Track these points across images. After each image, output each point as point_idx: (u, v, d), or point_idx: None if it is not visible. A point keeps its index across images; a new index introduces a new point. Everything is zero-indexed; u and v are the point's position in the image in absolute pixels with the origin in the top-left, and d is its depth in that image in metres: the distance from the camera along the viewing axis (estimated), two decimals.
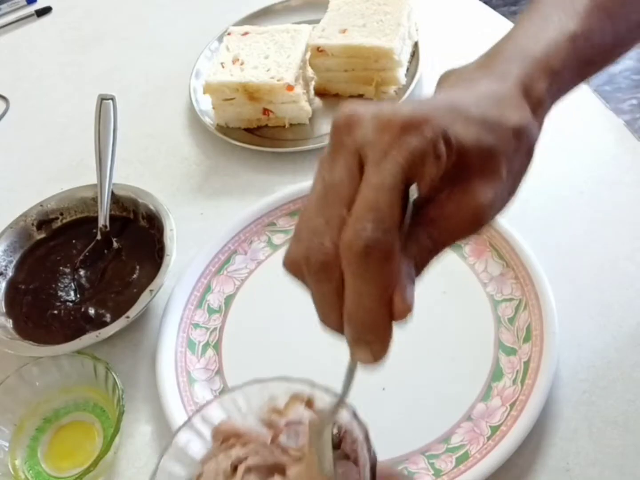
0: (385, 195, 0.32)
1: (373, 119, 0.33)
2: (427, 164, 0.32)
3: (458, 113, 0.34)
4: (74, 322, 0.66)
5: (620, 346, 0.58)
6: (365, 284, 0.32)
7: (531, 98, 0.38)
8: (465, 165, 0.34)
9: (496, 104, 0.36)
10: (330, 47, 0.81)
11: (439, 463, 0.53)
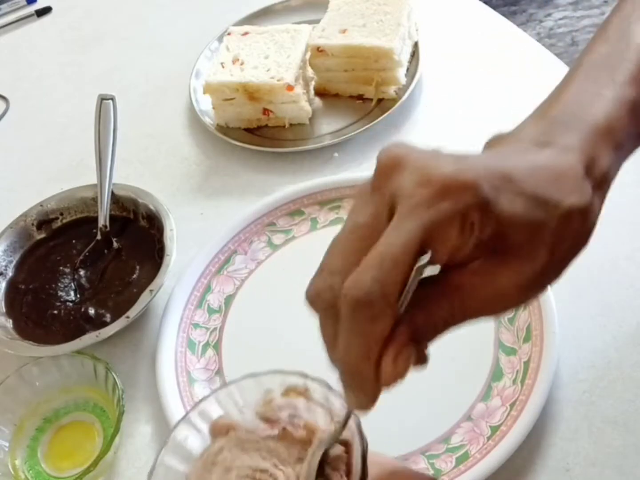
0: (396, 253, 0.30)
1: (417, 169, 0.31)
2: (452, 232, 0.30)
3: (509, 182, 0.32)
4: (74, 322, 0.66)
5: (620, 346, 0.58)
6: (352, 336, 0.32)
7: (595, 175, 0.34)
8: (506, 239, 0.32)
9: (554, 179, 0.33)
10: (330, 47, 0.81)
11: (439, 463, 0.53)
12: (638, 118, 0.37)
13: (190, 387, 0.60)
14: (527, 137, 0.35)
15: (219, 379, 0.61)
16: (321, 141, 0.79)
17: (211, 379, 0.61)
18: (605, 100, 0.36)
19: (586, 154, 0.34)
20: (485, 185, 0.31)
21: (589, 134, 0.35)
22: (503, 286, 0.32)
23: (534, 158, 0.34)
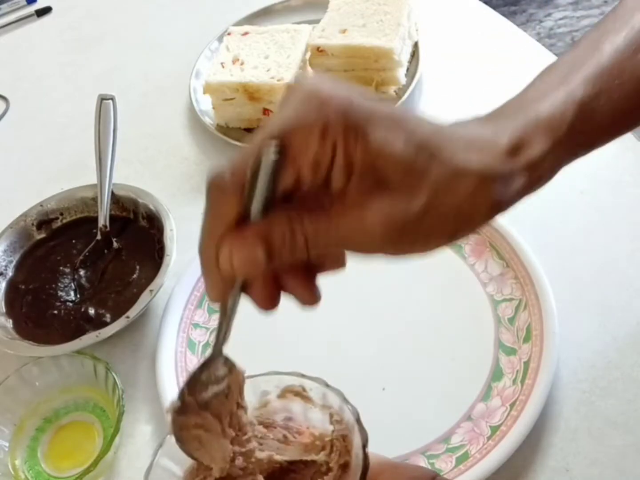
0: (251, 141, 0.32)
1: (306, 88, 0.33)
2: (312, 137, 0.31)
3: (403, 127, 0.32)
4: (74, 322, 0.66)
5: (620, 346, 0.58)
6: (203, 218, 0.35)
7: (522, 156, 0.34)
8: (382, 175, 0.32)
9: (464, 142, 0.33)
10: (330, 47, 0.81)
11: (439, 463, 0.53)
12: (585, 117, 0.37)
13: None
14: (470, 121, 0.36)
15: None
16: None
17: None
18: (553, 98, 0.37)
19: (516, 135, 0.34)
20: (368, 114, 0.31)
21: (525, 121, 0.35)
22: (368, 220, 0.32)
23: (458, 128, 0.34)
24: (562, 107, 0.36)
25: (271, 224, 0.33)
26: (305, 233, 0.33)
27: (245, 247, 0.33)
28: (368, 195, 0.32)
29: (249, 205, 0.33)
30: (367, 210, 0.32)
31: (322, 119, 0.31)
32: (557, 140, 0.36)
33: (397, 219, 0.32)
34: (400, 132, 0.32)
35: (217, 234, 0.34)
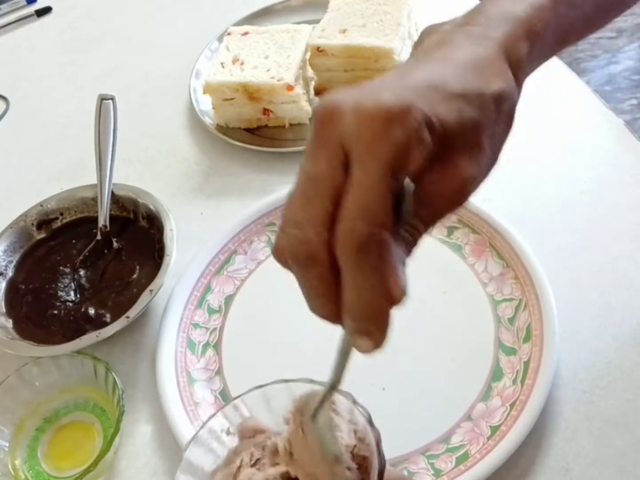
0: (374, 193, 0.32)
1: (355, 112, 0.33)
2: (412, 154, 0.32)
3: (438, 91, 0.34)
4: (74, 322, 0.66)
5: (620, 346, 0.58)
6: (364, 278, 0.33)
7: (512, 61, 0.37)
8: (449, 142, 0.34)
9: (477, 72, 0.35)
10: (330, 47, 0.81)
11: (439, 463, 0.53)
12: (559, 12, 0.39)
13: (190, 387, 0.60)
14: (453, 29, 0.39)
15: (219, 379, 0.61)
16: None
17: (211, 379, 0.61)
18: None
19: (504, 42, 0.37)
20: (421, 103, 0.33)
21: (508, 24, 0.38)
22: (459, 183, 0.35)
23: (456, 55, 0.36)
24: (537, 4, 0.39)
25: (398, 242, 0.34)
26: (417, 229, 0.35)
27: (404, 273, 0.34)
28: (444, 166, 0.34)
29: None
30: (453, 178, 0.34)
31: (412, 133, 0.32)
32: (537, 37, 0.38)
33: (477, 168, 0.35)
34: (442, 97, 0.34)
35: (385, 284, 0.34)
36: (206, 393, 0.60)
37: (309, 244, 0.33)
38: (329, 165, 0.33)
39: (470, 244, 0.66)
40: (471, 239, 0.66)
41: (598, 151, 0.74)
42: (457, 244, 0.66)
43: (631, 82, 2.13)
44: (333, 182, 0.33)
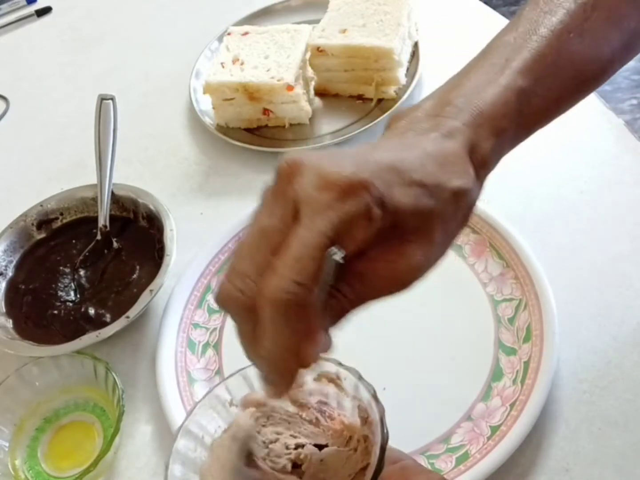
0: (310, 252, 0.33)
1: (316, 174, 0.34)
2: (358, 227, 0.33)
3: (400, 175, 0.35)
4: (74, 322, 0.66)
5: (620, 346, 0.58)
6: (277, 333, 0.34)
7: (476, 158, 0.38)
8: (401, 226, 0.35)
9: (440, 165, 0.36)
10: (330, 47, 0.81)
11: (439, 463, 0.53)
12: (524, 106, 0.40)
13: (190, 387, 0.60)
14: (420, 118, 0.39)
15: (219, 379, 0.61)
16: (321, 141, 0.79)
17: (211, 379, 0.61)
18: (496, 87, 0.39)
19: (469, 138, 0.38)
20: (379, 182, 0.34)
21: (474, 120, 0.38)
22: (402, 269, 0.36)
23: (422, 145, 0.37)
24: (503, 99, 0.39)
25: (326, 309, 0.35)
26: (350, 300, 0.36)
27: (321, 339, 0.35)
28: (392, 248, 0.36)
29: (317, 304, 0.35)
30: (397, 262, 0.36)
31: (363, 207, 0.33)
32: (501, 133, 0.39)
33: (424, 258, 0.36)
34: (402, 182, 0.35)
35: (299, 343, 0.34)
36: None
37: (247, 295, 0.34)
38: (280, 220, 0.34)
39: (470, 244, 0.66)
40: (471, 239, 0.66)
41: (598, 151, 0.74)
42: (457, 244, 0.66)
43: (631, 82, 2.13)
44: (279, 237, 0.34)
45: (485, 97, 0.39)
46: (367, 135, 0.79)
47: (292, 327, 0.33)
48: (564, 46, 0.41)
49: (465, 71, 0.42)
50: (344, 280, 0.36)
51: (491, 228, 0.65)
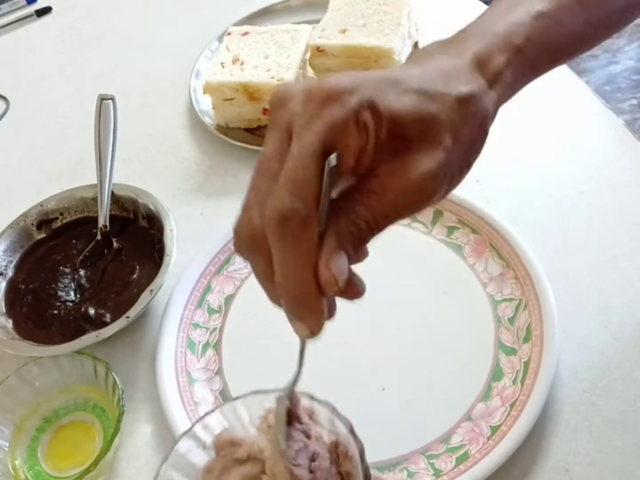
0: (302, 165, 0.32)
1: (302, 92, 0.34)
2: (350, 134, 0.32)
3: (393, 84, 0.34)
4: (74, 322, 0.66)
5: (620, 346, 0.58)
6: (285, 254, 0.33)
7: (487, 72, 0.37)
8: (404, 136, 0.34)
9: (442, 76, 0.35)
10: (330, 47, 0.81)
11: (439, 463, 0.53)
12: (543, 27, 0.39)
13: (190, 387, 0.60)
14: (432, 47, 0.39)
15: (219, 379, 0.61)
16: None
17: (211, 379, 0.61)
18: (513, 13, 0.39)
19: (478, 54, 0.37)
20: (367, 87, 0.33)
21: (485, 38, 0.38)
22: (414, 179, 0.34)
23: (427, 63, 0.36)
24: (520, 19, 0.38)
25: (339, 229, 0.34)
26: (365, 219, 0.34)
27: (335, 257, 0.33)
28: (399, 159, 0.34)
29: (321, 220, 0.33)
30: (407, 172, 0.34)
31: (348, 111, 0.32)
32: (519, 50, 0.38)
33: (436, 166, 0.34)
34: (397, 90, 0.34)
35: (310, 261, 0.33)
36: (206, 393, 0.60)
37: (253, 225, 0.34)
38: (276, 146, 0.34)
39: (470, 244, 0.66)
40: (471, 239, 0.66)
41: (598, 151, 0.74)
42: (457, 244, 0.66)
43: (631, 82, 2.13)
44: (278, 162, 0.33)
45: (501, 21, 0.38)
46: None
47: (298, 245, 0.32)
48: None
49: (485, 10, 0.41)
50: (359, 201, 0.34)
51: (491, 228, 0.65)
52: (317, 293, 0.33)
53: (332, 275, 0.33)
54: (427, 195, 0.35)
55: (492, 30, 0.38)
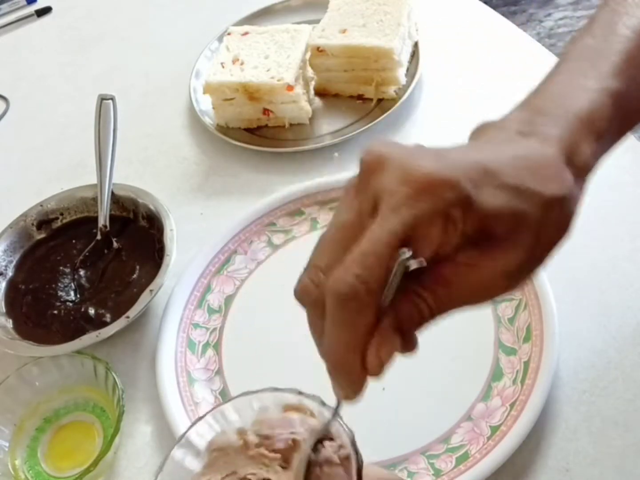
0: (377, 248, 0.31)
1: (398, 167, 0.32)
2: (435, 228, 0.32)
3: (489, 176, 0.33)
4: (74, 322, 0.66)
5: (620, 346, 0.58)
6: (337, 330, 0.33)
7: (575, 164, 0.35)
8: (490, 231, 0.33)
9: (534, 170, 0.34)
10: (330, 47, 0.81)
11: (439, 463, 0.53)
12: (620, 108, 0.38)
13: (190, 387, 0.60)
14: (511, 126, 0.36)
15: (219, 379, 0.61)
16: (321, 141, 0.79)
17: (211, 379, 0.61)
18: (588, 91, 0.37)
19: (567, 143, 0.35)
20: (465, 181, 0.32)
21: (570, 124, 0.36)
22: (488, 276, 0.33)
23: (514, 149, 0.35)
24: (598, 101, 0.37)
25: (400, 311, 0.33)
26: (429, 305, 0.34)
27: (387, 342, 0.33)
28: (479, 252, 0.33)
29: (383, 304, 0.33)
30: (484, 268, 0.33)
31: (441, 207, 0.31)
32: (600, 136, 0.37)
33: (514, 266, 0.34)
34: (493, 184, 0.33)
35: (361, 342, 0.33)
36: (206, 393, 0.60)
37: (315, 285, 0.33)
38: (357, 215, 0.33)
39: None
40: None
41: None
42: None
43: None
44: (356, 232, 0.33)
45: (579, 103, 0.37)
46: (367, 135, 0.79)
47: (351, 326, 0.32)
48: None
49: (548, 79, 0.40)
50: (426, 285, 0.34)
51: None
52: (359, 370, 0.34)
53: (378, 361, 0.33)
54: (496, 292, 0.35)
55: (575, 115, 0.36)
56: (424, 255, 0.32)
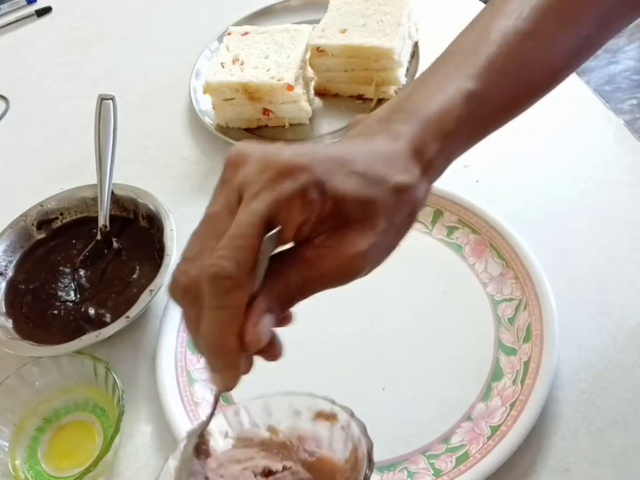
0: (243, 230, 0.34)
1: (259, 160, 0.36)
2: (295, 208, 0.35)
3: (342, 165, 0.36)
4: (74, 322, 0.66)
5: (620, 346, 0.58)
6: (213, 310, 0.35)
7: (422, 160, 0.39)
8: (344, 215, 0.36)
9: (384, 161, 0.37)
10: (330, 47, 0.81)
11: (439, 463, 0.53)
12: (474, 110, 0.40)
13: (190, 387, 0.60)
14: (371, 123, 0.40)
15: None
16: (321, 141, 0.79)
17: None
18: (445, 91, 0.40)
19: (415, 141, 0.39)
20: (319, 167, 0.35)
21: (421, 123, 0.39)
22: (345, 257, 0.36)
23: (368, 144, 0.39)
24: (451, 102, 0.40)
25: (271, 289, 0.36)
26: (296, 283, 0.37)
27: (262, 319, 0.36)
28: (337, 236, 0.36)
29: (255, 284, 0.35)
30: (340, 249, 0.36)
31: (297, 188, 0.35)
32: (448, 136, 0.40)
33: (368, 248, 0.37)
34: (344, 171, 0.36)
35: (236, 320, 0.35)
36: (206, 393, 0.60)
37: (189, 279, 0.35)
38: (224, 206, 0.36)
39: (470, 244, 0.66)
40: (471, 239, 0.66)
41: (598, 151, 0.74)
42: (457, 244, 0.66)
43: (631, 82, 2.13)
44: (223, 222, 0.36)
45: (434, 102, 0.40)
46: None
47: (226, 305, 0.34)
48: (514, 51, 0.42)
49: (420, 79, 0.43)
50: (292, 265, 0.36)
51: (491, 228, 0.65)
52: (237, 351, 0.36)
53: (257, 335, 0.35)
54: (354, 271, 0.37)
55: (425, 113, 0.39)
56: (287, 235, 0.36)
